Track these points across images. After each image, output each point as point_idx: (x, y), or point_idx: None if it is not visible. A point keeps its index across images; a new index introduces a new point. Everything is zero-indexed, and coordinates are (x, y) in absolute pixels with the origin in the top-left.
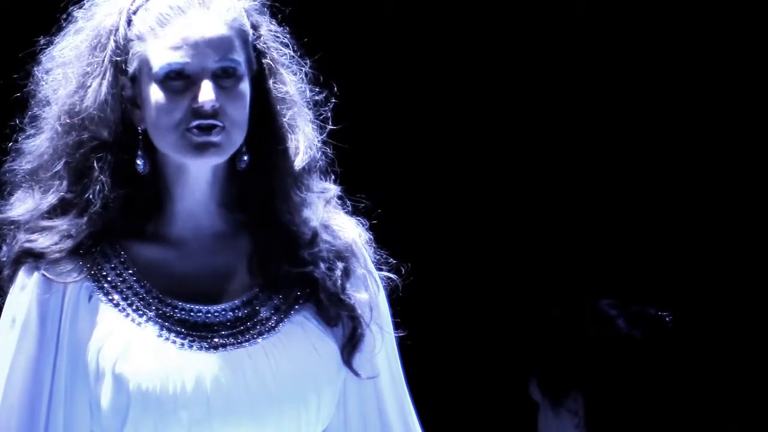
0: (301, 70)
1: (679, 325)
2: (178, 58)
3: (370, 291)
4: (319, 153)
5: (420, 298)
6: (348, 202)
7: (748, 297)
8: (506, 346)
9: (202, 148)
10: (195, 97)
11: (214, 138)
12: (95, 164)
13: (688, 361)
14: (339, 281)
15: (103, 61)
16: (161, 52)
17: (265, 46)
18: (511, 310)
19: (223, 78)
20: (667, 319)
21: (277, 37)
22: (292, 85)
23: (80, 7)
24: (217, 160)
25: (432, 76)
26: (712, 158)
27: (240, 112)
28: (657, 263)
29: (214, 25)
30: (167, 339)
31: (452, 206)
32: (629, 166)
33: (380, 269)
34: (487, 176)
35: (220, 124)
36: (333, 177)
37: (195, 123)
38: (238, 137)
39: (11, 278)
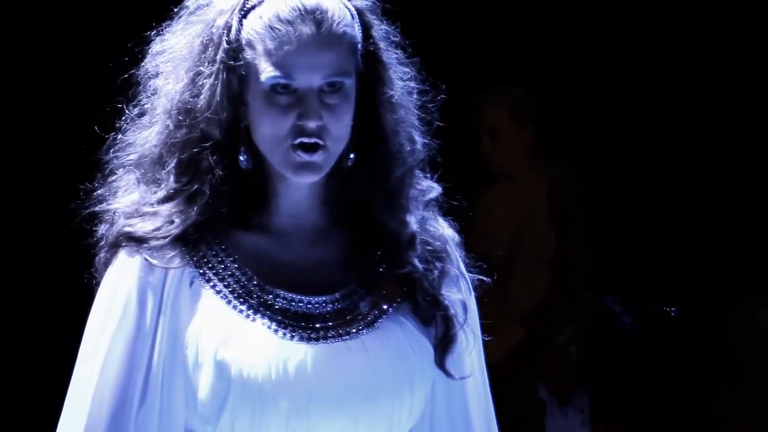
0: (407, 72)
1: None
2: (285, 73)
3: (462, 292)
4: (423, 154)
5: None
6: (443, 202)
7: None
8: (511, 343)
9: (301, 168)
10: (300, 115)
11: (316, 159)
12: (208, 159)
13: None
14: (435, 281)
15: (215, 60)
16: (269, 65)
17: (374, 47)
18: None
19: (329, 94)
20: (672, 314)
21: (387, 37)
22: (398, 87)
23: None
24: (314, 179)
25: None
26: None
27: (343, 129)
28: (659, 261)
29: (323, 42)
30: (269, 328)
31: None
32: (632, 166)
33: (470, 272)
34: None
35: (321, 143)
36: (434, 176)
37: (298, 141)
38: (338, 151)
39: (108, 262)
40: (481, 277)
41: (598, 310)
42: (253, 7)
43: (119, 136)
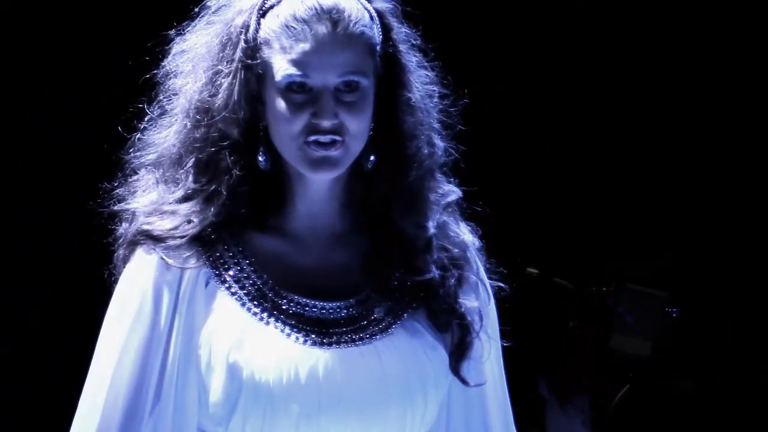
0: (428, 76)
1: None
2: (301, 72)
3: (481, 299)
4: (442, 158)
5: None
6: (465, 207)
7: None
8: (513, 343)
9: (318, 163)
10: (314, 114)
11: (332, 153)
12: (227, 159)
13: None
14: (452, 289)
15: (234, 59)
16: (285, 64)
17: (393, 50)
18: (519, 309)
19: (345, 92)
20: (674, 314)
21: (407, 40)
22: (418, 90)
23: None
24: (333, 174)
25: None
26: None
27: (360, 126)
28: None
29: (339, 41)
30: (282, 331)
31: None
32: (634, 167)
33: (490, 278)
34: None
35: (339, 138)
36: (457, 180)
37: (313, 138)
38: (356, 149)
39: (126, 259)
40: (500, 284)
41: (599, 310)
42: (271, 7)
43: (138, 135)
